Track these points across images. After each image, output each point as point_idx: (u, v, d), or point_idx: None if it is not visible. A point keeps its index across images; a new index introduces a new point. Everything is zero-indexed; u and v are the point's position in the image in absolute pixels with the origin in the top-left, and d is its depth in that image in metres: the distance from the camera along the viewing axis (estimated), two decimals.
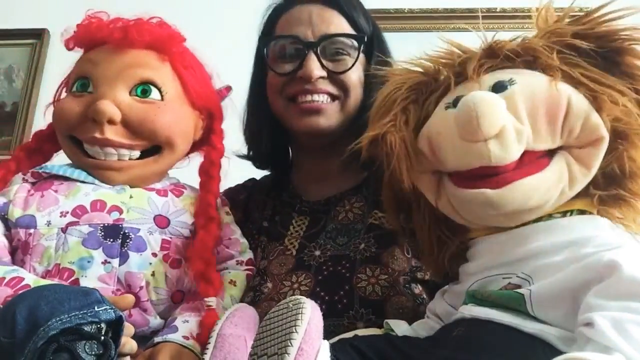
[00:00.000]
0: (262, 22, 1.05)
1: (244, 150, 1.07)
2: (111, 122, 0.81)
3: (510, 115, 0.64)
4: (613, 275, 0.53)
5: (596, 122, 0.63)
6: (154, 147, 0.86)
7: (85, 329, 0.56)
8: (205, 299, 0.79)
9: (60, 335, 0.55)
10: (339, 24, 0.96)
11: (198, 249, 0.82)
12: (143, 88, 0.84)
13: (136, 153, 0.85)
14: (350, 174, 1.01)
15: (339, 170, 1.00)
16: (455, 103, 0.68)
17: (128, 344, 0.66)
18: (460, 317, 0.67)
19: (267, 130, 1.02)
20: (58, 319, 0.55)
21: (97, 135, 0.81)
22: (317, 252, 0.91)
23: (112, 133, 0.82)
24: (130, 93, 0.83)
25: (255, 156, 1.06)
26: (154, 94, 0.85)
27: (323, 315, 0.60)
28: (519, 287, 0.63)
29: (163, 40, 0.87)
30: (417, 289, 0.83)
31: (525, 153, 0.64)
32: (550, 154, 0.66)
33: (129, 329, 0.67)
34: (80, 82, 0.85)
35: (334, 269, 0.87)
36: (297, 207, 1.01)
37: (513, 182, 0.64)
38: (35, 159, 0.90)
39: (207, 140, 0.94)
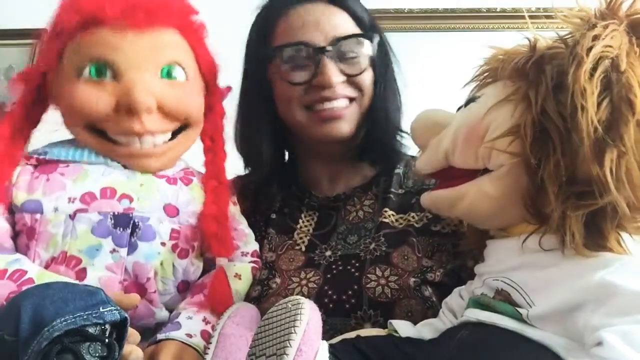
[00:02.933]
0: (255, 30, 0.99)
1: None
2: (149, 111, 0.78)
3: (448, 131, 0.70)
4: (613, 296, 0.53)
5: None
6: (180, 126, 0.85)
7: (90, 330, 0.56)
8: (218, 259, 0.80)
9: (64, 336, 0.55)
10: (344, 24, 0.93)
11: (212, 210, 0.82)
12: (169, 69, 0.82)
13: (168, 135, 0.84)
14: (358, 172, 1.01)
15: (347, 169, 1.00)
16: (467, 104, 0.72)
17: (134, 352, 0.65)
18: (465, 320, 0.67)
19: (269, 142, 0.99)
20: (62, 319, 0.55)
21: (137, 127, 0.78)
22: (328, 253, 0.91)
23: (152, 122, 0.79)
24: (157, 76, 0.81)
25: (256, 167, 1.03)
26: (180, 74, 0.83)
27: (330, 313, 0.59)
28: (509, 295, 0.63)
29: (184, 17, 0.85)
30: (427, 291, 0.81)
31: (451, 169, 0.70)
32: (480, 173, 0.67)
33: (134, 336, 0.67)
34: (95, 66, 0.78)
35: (344, 268, 0.86)
36: (306, 201, 1.00)
37: (435, 191, 0.74)
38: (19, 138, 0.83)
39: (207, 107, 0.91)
